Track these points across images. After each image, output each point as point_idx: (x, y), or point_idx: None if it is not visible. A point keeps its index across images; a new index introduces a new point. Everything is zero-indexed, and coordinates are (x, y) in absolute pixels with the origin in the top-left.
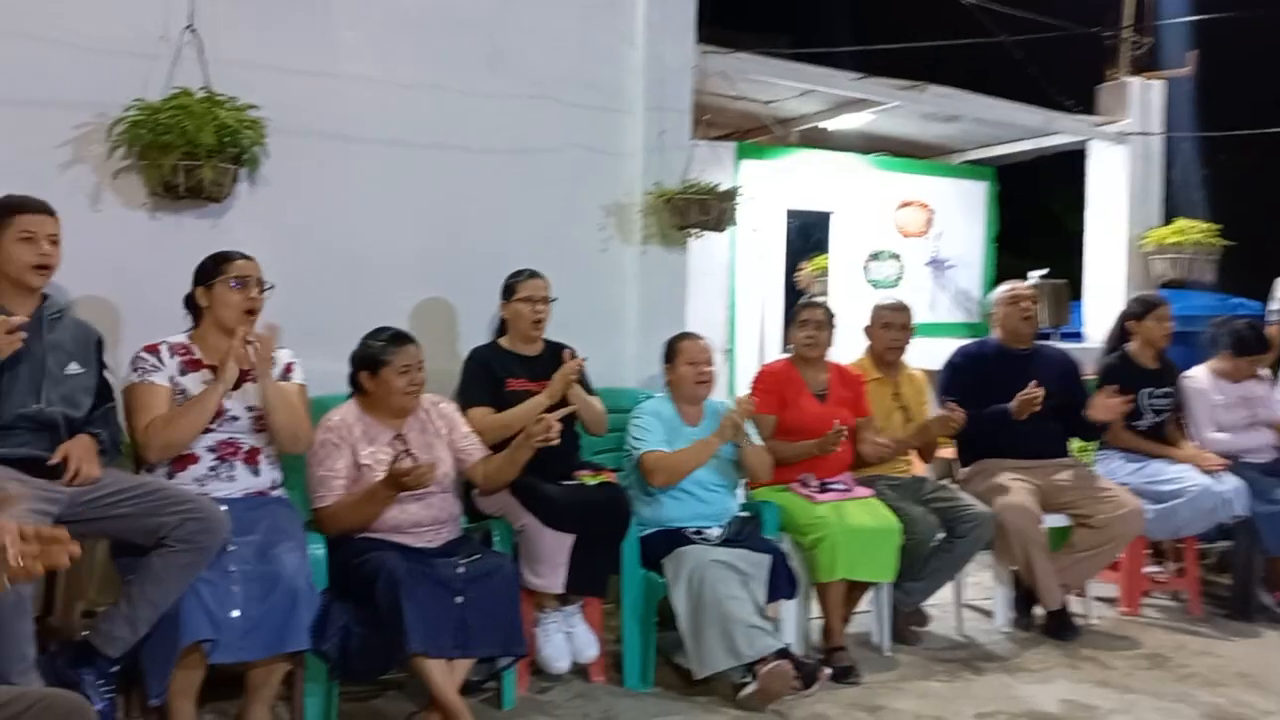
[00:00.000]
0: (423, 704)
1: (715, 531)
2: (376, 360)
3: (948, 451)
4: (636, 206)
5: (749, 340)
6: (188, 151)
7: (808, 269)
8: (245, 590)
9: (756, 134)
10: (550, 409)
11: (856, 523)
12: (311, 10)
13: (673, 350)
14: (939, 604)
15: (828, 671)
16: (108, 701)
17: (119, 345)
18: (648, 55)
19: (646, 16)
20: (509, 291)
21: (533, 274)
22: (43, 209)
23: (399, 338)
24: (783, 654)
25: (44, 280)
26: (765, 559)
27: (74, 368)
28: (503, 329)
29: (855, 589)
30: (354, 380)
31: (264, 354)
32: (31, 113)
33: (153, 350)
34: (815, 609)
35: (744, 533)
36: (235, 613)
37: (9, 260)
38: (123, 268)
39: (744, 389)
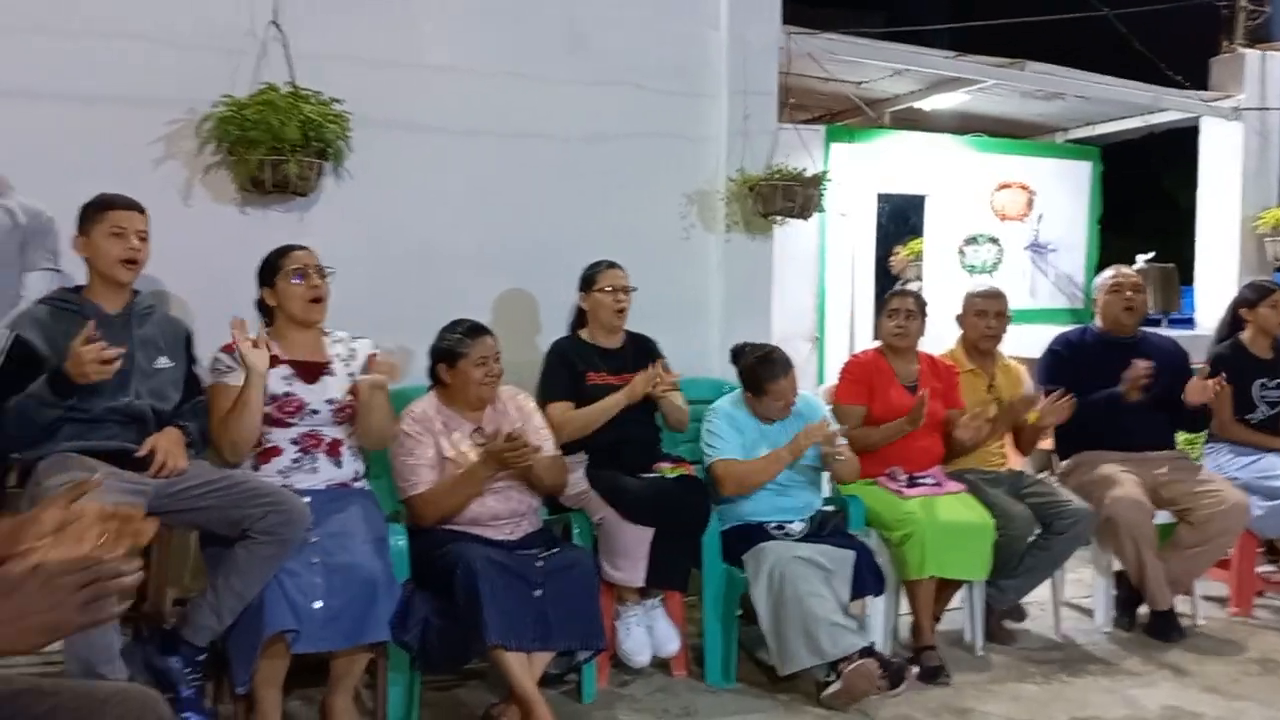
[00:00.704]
0: (503, 695)
1: (797, 526)
2: (454, 353)
3: (1046, 443)
4: (719, 193)
5: (838, 328)
6: (273, 147)
7: (902, 253)
8: (327, 581)
9: (847, 116)
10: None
11: (947, 518)
12: (391, 2)
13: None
14: (1036, 601)
15: (915, 671)
16: (195, 689)
17: (209, 338)
18: (731, 38)
19: None
20: (588, 282)
21: (611, 264)
22: (132, 205)
23: (475, 330)
24: (868, 652)
25: (132, 275)
26: (849, 555)
27: (163, 362)
28: (580, 320)
29: (946, 586)
30: (433, 373)
31: (387, 374)
32: (127, 110)
33: (228, 350)
34: (904, 606)
35: (828, 528)
36: (317, 604)
37: (100, 255)
38: (212, 262)
39: (832, 378)
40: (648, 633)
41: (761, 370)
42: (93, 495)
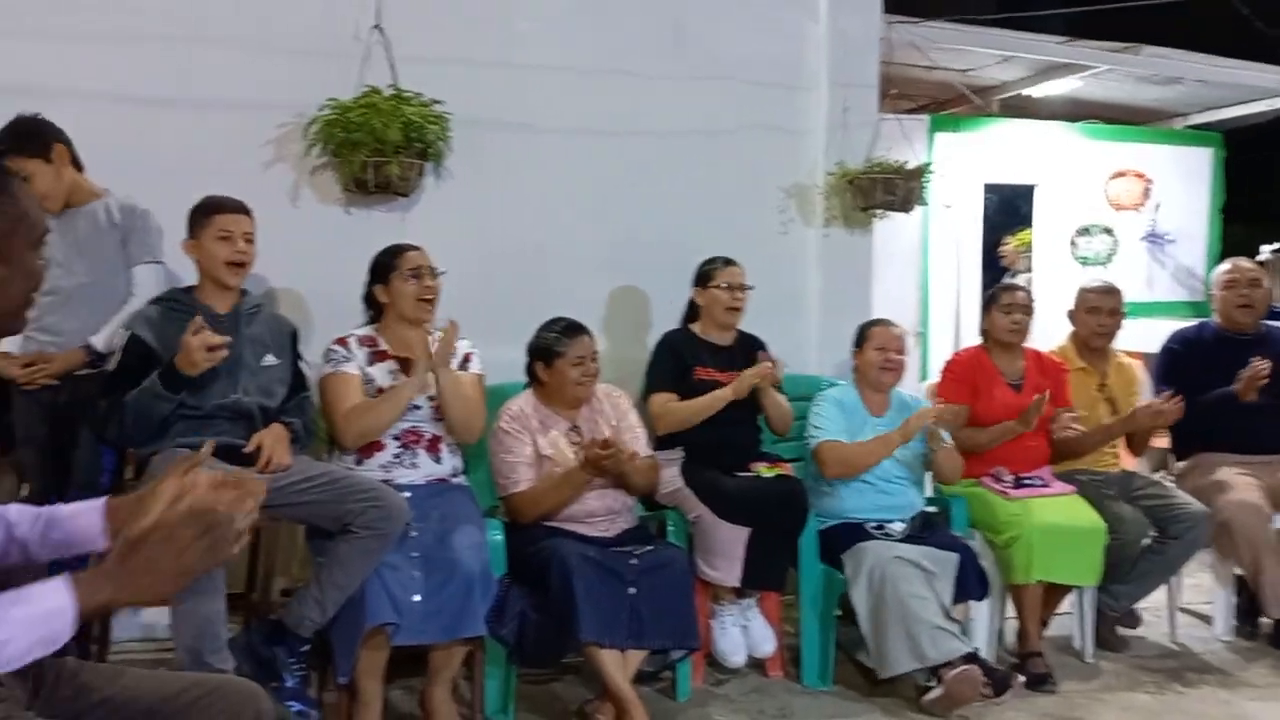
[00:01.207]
0: (598, 691)
1: (898, 526)
2: (551, 351)
3: (1161, 441)
4: (818, 187)
5: (943, 323)
6: (376, 148)
7: (1011, 245)
8: (426, 575)
9: (952, 105)
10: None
11: (1055, 521)
12: (492, 3)
13: (862, 335)
14: (1151, 607)
15: (1021, 679)
16: (299, 678)
17: (315, 335)
18: (831, 29)
19: None
20: (704, 278)
21: (729, 261)
22: (239, 209)
23: (572, 329)
24: (971, 658)
25: (239, 277)
26: (952, 557)
27: (269, 359)
28: (693, 314)
29: (1054, 591)
30: (530, 371)
31: (446, 346)
32: (238, 115)
33: (342, 342)
34: (1009, 610)
35: (930, 529)
36: (416, 597)
37: (208, 258)
38: (319, 261)
39: (936, 375)
40: (743, 632)
41: (866, 326)
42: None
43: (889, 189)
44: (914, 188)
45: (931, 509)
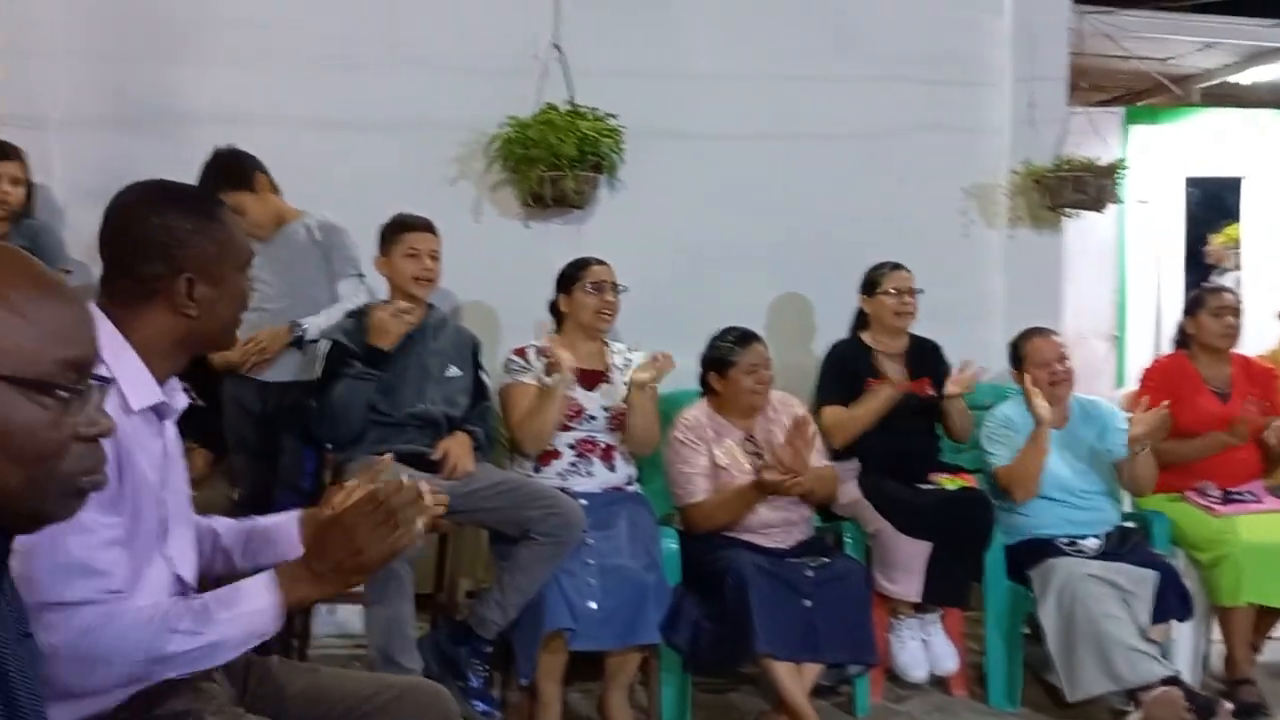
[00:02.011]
0: (774, 703)
1: (1092, 543)
2: (724, 361)
3: None
4: (1002, 187)
5: (1141, 326)
6: (553, 163)
7: (1218, 241)
8: (601, 583)
9: (1149, 95)
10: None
11: (1268, 540)
12: (662, 14)
13: (1019, 352)
14: None
15: (1229, 707)
16: (483, 678)
17: (497, 345)
18: (1015, 22)
19: None
20: (871, 285)
21: (896, 266)
22: (427, 227)
23: (745, 337)
24: (1171, 681)
25: (425, 292)
26: (1151, 575)
27: (453, 370)
28: (862, 323)
29: (1268, 614)
30: (703, 381)
31: (657, 373)
32: (425, 134)
33: (520, 353)
34: (1216, 634)
35: (1127, 546)
36: (592, 604)
37: (397, 274)
38: (500, 273)
39: (1132, 382)
40: (924, 647)
41: (1019, 341)
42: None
43: (1079, 187)
44: (1106, 185)
45: (1129, 524)
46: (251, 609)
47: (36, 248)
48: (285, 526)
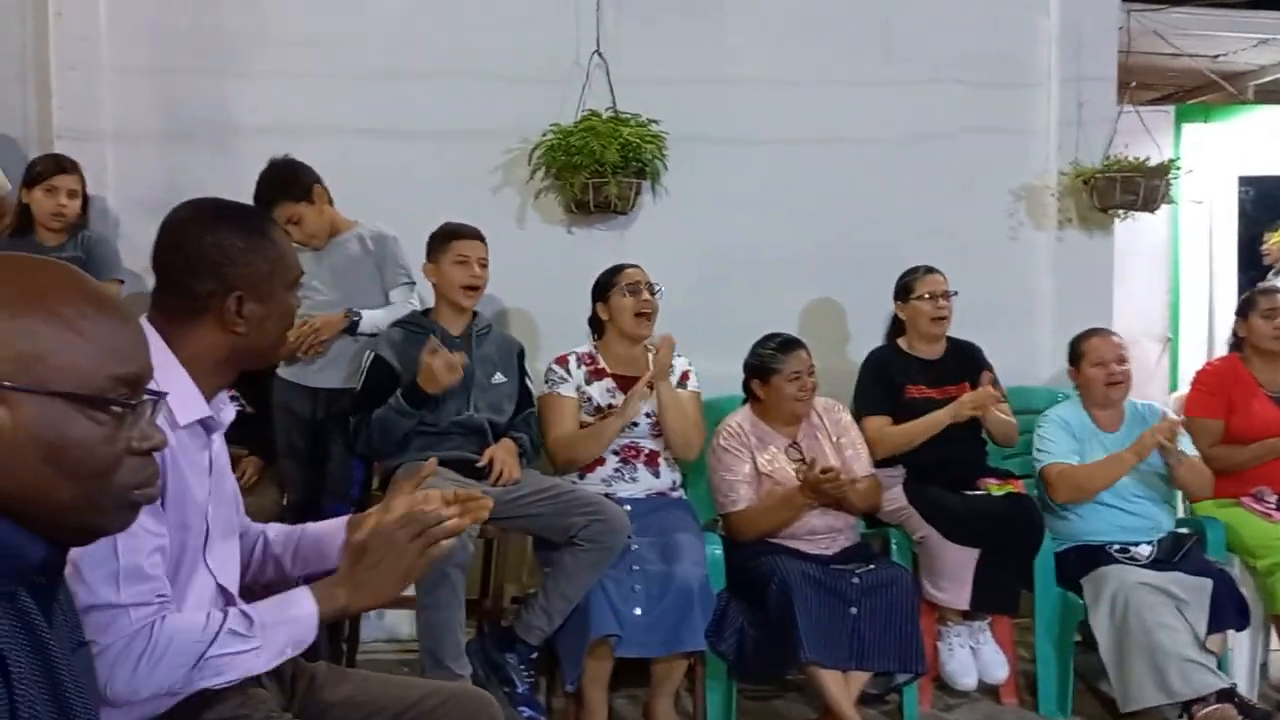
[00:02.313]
0: (820, 710)
1: (1144, 550)
2: (767, 368)
3: None
4: (1050, 189)
5: (1195, 328)
6: (595, 170)
7: (1274, 241)
8: (646, 589)
9: (1201, 93)
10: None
11: None
12: (704, 20)
13: (1077, 350)
14: None
15: None
16: (529, 684)
17: (541, 352)
18: (1062, 22)
19: None
20: (905, 291)
21: (929, 269)
22: (474, 235)
23: (788, 344)
24: (1227, 695)
25: (473, 300)
26: (1206, 584)
27: (499, 377)
28: (898, 328)
29: None
30: (747, 388)
31: (663, 358)
32: (471, 142)
33: (562, 362)
34: (1274, 643)
35: (1181, 553)
36: (637, 610)
37: (445, 281)
38: (544, 279)
39: (1186, 385)
40: (973, 655)
41: (1079, 340)
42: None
43: (1129, 188)
44: (1158, 185)
45: (1183, 531)
46: (291, 618)
47: (91, 259)
48: (335, 533)
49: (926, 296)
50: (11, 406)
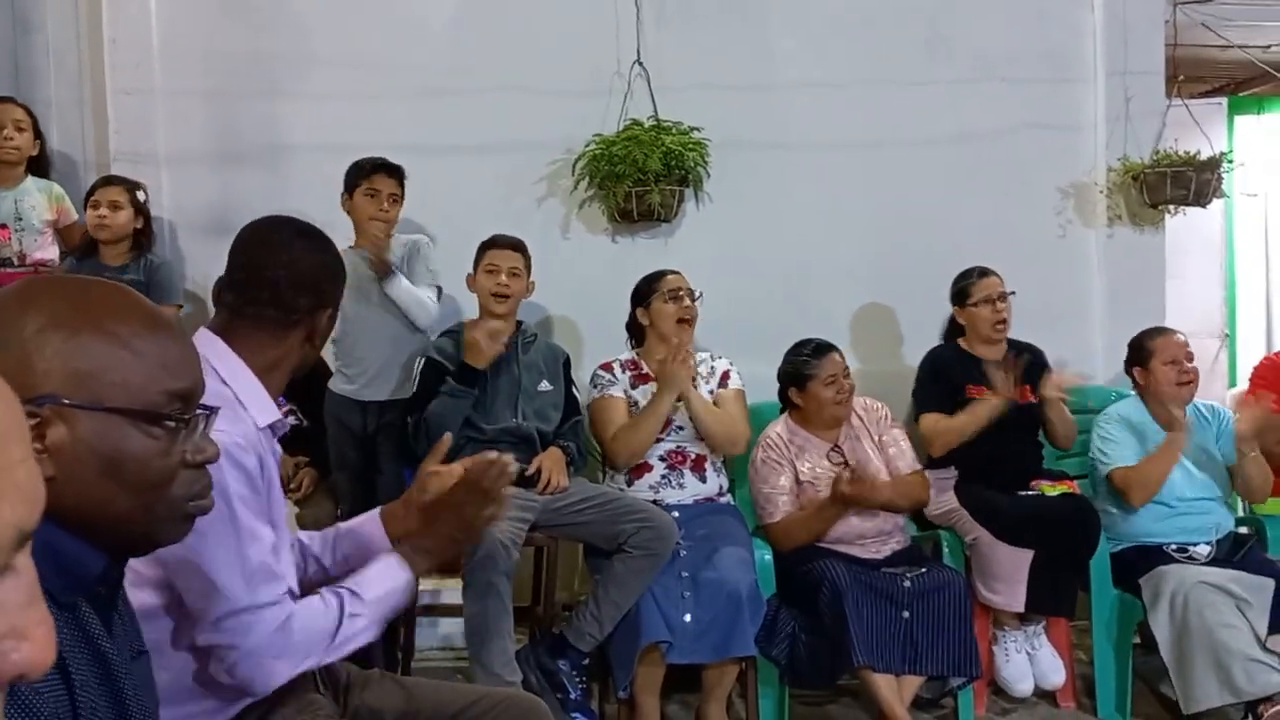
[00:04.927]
0: (875, 715)
1: (1203, 549)
2: (802, 375)
3: None
4: (1099, 185)
5: (1252, 324)
6: (638, 179)
7: None
8: (695, 595)
9: (1253, 84)
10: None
11: None
12: (744, 25)
13: (1144, 348)
14: None
15: None
16: (581, 690)
17: (586, 359)
18: (1107, 15)
19: None
20: (962, 295)
21: (984, 272)
22: (508, 245)
23: (821, 349)
24: None
25: (504, 307)
26: (1267, 583)
27: (545, 385)
28: (955, 330)
29: None
30: (783, 396)
31: (680, 364)
32: (515, 155)
33: (607, 368)
34: None
35: (1241, 552)
36: (687, 616)
37: (480, 290)
38: (589, 287)
39: (1245, 381)
40: (1029, 659)
41: (1145, 338)
42: None
43: (1180, 183)
44: (1209, 180)
45: (1243, 530)
46: (392, 587)
47: (152, 284)
48: (369, 525)
49: (985, 300)
50: (70, 423)
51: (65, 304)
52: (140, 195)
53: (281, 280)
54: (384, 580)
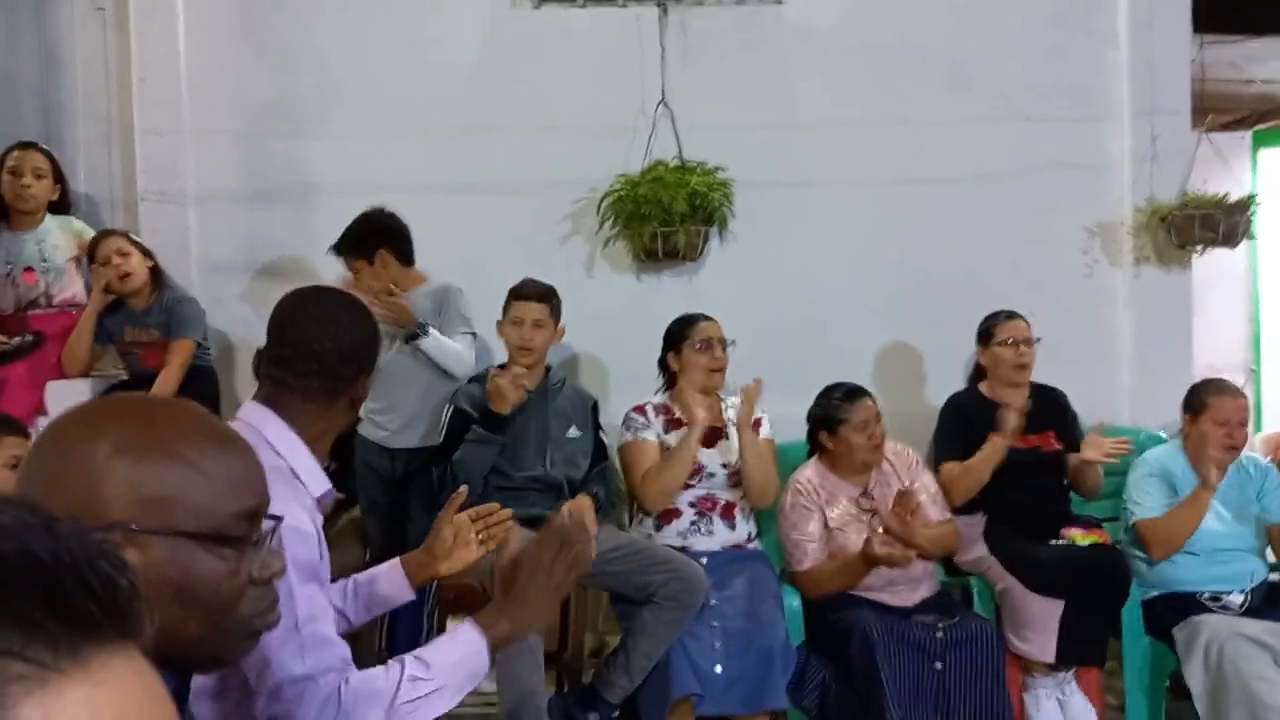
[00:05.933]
0: None
1: (1237, 598)
2: (834, 419)
3: None
4: (1125, 225)
5: (1278, 358)
6: (664, 219)
7: None
8: (726, 646)
9: (1276, 115)
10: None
11: None
12: (768, 66)
13: (1199, 400)
14: None
15: None
16: None
17: (611, 398)
18: (1133, 55)
19: (1130, 13)
20: (986, 336)
21: (1010, 314)
22: (532, 296)
23: (853, 393)
24: None
25: (526, 360)
26: None
27: (573, 431)
28: (980, 373)
29: None
30: (813, 439)
31: (749, 404)
32: (540, 194)
33: (640, 410)
34: None
35: (1276, 602)
36: (718, 668)
37: (508, 340)
38: (614, 327)
39: (1273, 422)
40: (1060, 707)
41: (1202, 391)
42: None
43: (1209, 225)
44: (1238, 221)
45: (1277, 578)
46: (463, 654)
47: (174, 318)
48: (391, 574)
49: (1008, 343)
50: (141, 548)
51: (132, 428)
52: (137, 239)
53: (330, 355)
54: (455, 646)
